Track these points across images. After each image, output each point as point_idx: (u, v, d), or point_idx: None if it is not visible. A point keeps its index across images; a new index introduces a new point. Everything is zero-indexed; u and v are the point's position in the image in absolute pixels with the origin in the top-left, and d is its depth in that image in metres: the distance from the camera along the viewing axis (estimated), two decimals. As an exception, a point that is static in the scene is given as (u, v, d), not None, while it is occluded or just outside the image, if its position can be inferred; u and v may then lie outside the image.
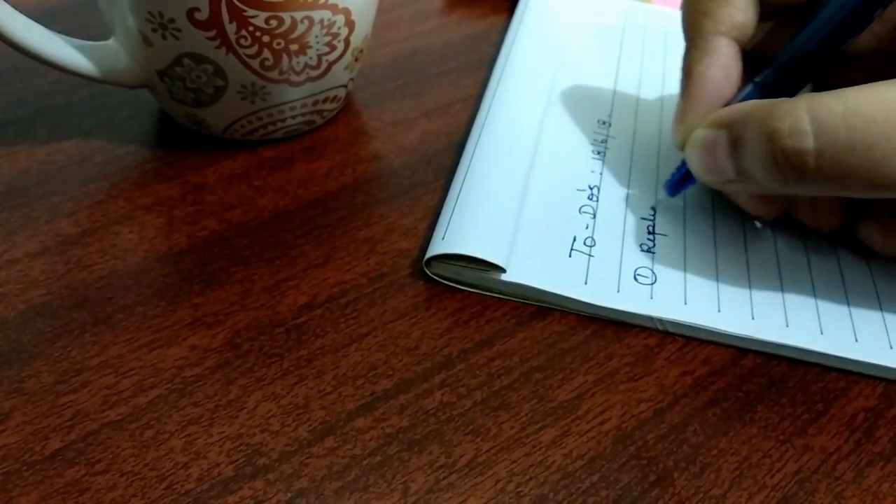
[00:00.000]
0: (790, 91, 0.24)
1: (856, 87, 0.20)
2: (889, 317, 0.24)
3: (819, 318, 0.23)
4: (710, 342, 0.23)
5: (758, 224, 0.27)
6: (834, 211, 0.25)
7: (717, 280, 0.24)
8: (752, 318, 0.23)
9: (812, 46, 0.23)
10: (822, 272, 0.25)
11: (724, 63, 0.24)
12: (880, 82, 0.20)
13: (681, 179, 0.26)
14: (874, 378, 0.23)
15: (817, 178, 0.20)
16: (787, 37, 0.24)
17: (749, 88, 0.24)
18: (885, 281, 0.25)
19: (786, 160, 0.20)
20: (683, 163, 0.25)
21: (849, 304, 0.24)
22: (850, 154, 0.19)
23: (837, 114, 0.19)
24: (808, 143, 0.20)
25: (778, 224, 0.27)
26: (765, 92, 0.24)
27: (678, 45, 0.27)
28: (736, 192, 0.25)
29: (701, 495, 0.19)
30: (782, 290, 0.24)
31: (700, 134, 0.23)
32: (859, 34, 0.23)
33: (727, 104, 0.24)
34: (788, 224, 0.27)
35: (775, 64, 0.24)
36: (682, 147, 0.25)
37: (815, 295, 0.24)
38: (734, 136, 0.22)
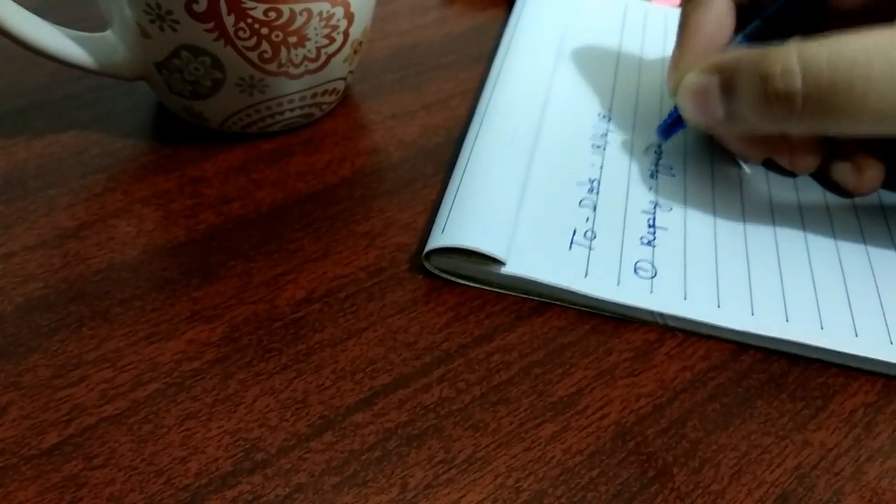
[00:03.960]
0: (776, 42, 0.25)
1: (840, 35, 0.21)
2: (889, 312, 0.24)
3: (819, 314, 0.23)
4: (709, 337, 0.23)
5: (747, 169, 0.28)
6: (810, 153, 0.26)
7: (717, 275, 0.24)
8: (752, 314, 0.23)
9: None
10: (822, 267, 0.25)
11: (717, 14, 0.26)
12: (862, 30, 0.21)
13: (672, 124, 0.27)
14: (874, 373, 0.23)
15: (804, 115, 0.22)
16: None
17: (738, 38, 0.26)
18: (886, 276, 0.25)
19: (777, 100, 0.22)
20: (676, 108, 0.27)
21: (849, 300, 0.24)
22: (833, 93, 0.21)
23: (823, 57, 0.21)
24: (797, 84, 0.21)
25: (778, 216, 0.27)
26: (752, 42, 0.25)
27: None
28: (723, 133, 0.27)
29: (700, 490, 0.19)
30: (782, 285, 0.24)
31: (692, 78, 0.25)
32: None
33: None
34: (789, 218, 0.27)
35: (763, 16, 0.25)
36: (675, 93, 0.26)
37: (815, 290, 0.24)
38: (726, 79, 0.24)
